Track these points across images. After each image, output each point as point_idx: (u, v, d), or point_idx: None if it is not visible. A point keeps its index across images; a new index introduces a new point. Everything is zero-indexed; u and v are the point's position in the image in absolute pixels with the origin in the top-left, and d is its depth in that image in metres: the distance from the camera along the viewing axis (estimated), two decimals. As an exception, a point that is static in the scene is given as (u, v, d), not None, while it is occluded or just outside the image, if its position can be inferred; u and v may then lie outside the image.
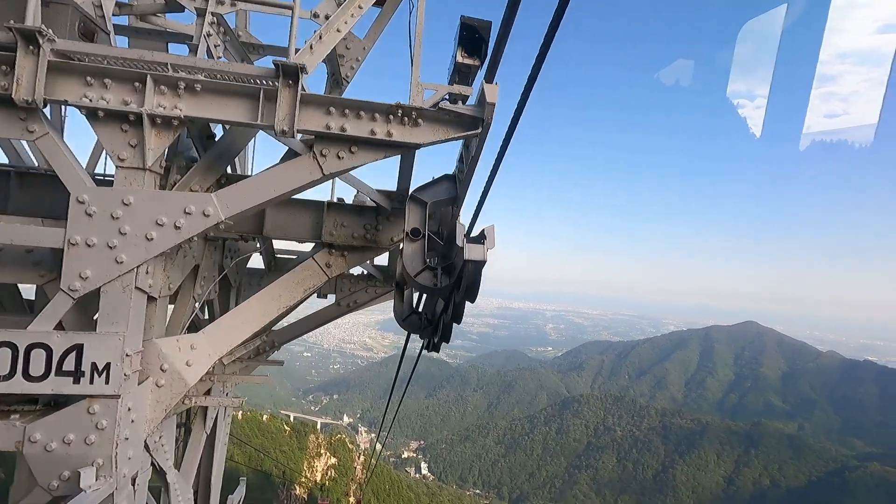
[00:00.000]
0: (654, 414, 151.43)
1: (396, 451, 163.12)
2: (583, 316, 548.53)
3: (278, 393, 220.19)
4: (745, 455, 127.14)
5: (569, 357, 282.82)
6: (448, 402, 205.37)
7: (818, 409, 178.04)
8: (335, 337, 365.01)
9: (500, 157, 3.10)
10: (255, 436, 69.05)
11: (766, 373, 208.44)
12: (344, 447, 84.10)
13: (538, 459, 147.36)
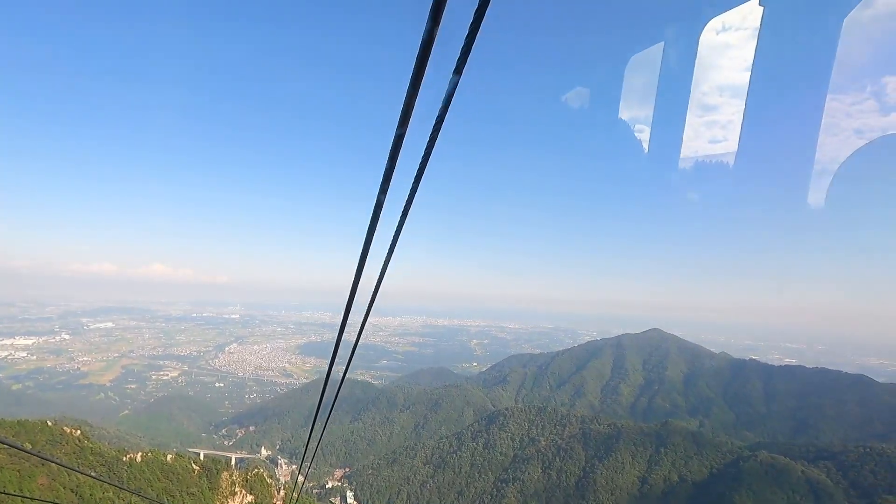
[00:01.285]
0: (574, 421, 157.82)
1: (320, 482, 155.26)
2: (505, 331, 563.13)
3: (186, 429, 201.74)
4: (655, 454, 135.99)
5: (493, 371, 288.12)
6: (374, 424, 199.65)
7: (715, 406, 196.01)
8: (251, 364, 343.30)
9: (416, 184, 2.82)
10: (156, 479, 62.09)
11: (670, 375, 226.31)
12: (262, 483, 78.25)
13: (466, 476, 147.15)
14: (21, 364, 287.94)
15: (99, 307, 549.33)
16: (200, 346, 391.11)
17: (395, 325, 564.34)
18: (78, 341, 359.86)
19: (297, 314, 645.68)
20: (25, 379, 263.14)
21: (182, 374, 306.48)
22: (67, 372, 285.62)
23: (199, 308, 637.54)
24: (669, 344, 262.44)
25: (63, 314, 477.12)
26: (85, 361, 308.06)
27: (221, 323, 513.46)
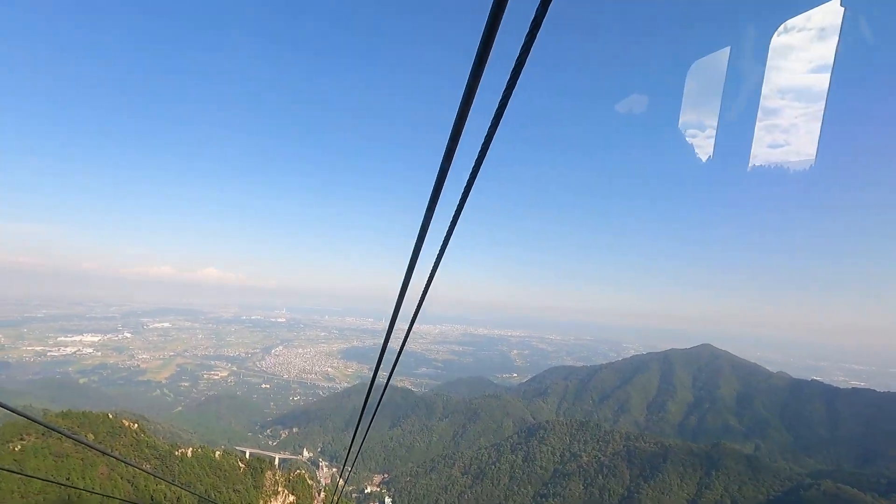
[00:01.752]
0: (618, 438, 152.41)
1: (359, 486, 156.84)
2: (546, 342, 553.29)
3: (233, 427, 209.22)
4: (706, 477, 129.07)
5: (534, 383, 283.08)
6: (413, 432, 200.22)
7: (772, 429, 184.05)
8: (295, 367, 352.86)
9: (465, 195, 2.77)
10: (206, 474, 64.57)
11: (722, 394, 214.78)
12: (303, 484, 79.87)
13: (505, 489, 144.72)
14: (87, 360, 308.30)
15: (157, 308, 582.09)
16: (248, 347, 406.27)
17: (435, 333, 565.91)
18: (138, 340, 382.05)
19: (339, 319, 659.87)
20: (91, 374, 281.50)
21: (231, 374, 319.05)
22: (128, 368, 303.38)
23: (248, 311, 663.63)
24: (721, 360, 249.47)
25: (126, 314, 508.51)
26: (144, 359, 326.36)
27: (268, 326, 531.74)
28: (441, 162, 2.41)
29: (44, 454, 50.28)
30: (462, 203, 2.73)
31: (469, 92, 2.01)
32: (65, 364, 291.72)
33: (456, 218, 2.76)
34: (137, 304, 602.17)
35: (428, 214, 2.77)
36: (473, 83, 1.96)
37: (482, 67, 1.90)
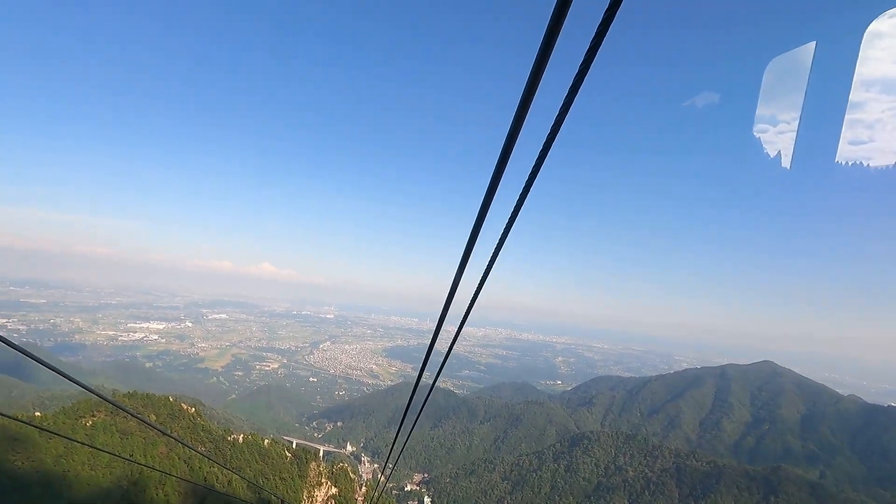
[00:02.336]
0: (667, 454, 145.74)
1: (399, 484, 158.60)
2: (593, 350, 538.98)
3: (282, 417, 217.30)
4: (763, 502, 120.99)
5: (578, 392, 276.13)
6: (454, 433, 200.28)
7: (841, 456, 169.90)
8: (342, 363, 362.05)
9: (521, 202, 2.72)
10: (254, 460, 67.27)
11: (784, 415, 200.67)
12: (346, 477, 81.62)
13: (546, 498, 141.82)
14: (153, 345, 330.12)
15: (216, 299, 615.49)
16: (298, 341, 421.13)
17: (479, 336, 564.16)
18: (198, 329, 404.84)
19: (385, 318, 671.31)
20: (156, 359, 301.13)
21: (281, 366, 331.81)
22: (188, 356, 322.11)
23: (299, 306, 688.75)
24: (784, 379, 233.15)
25: (188, 304, 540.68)
26: (203, 347, 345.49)
27: (317, 322, 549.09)
28: (496, 164, 2.33)
29: (111, 431, 54.16)
30: (517, 208, 2.68)
31: (528, 92, 1.93)
32: (133, 349, 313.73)
33: (510, 224, 2.83)
34: (198, 296, 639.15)
35: (480, 217, 2.69)
36: (533, 83, 1.88)
37: (543, 67, 1.82)
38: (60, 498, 40.41)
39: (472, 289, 3.65)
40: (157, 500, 47.10)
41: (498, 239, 3.00)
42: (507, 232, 2.93)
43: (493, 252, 3.14)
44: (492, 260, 3.20)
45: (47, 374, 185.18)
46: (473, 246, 2.95)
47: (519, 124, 2.09)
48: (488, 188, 2.50)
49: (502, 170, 2.36)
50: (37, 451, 43.83)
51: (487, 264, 3.25)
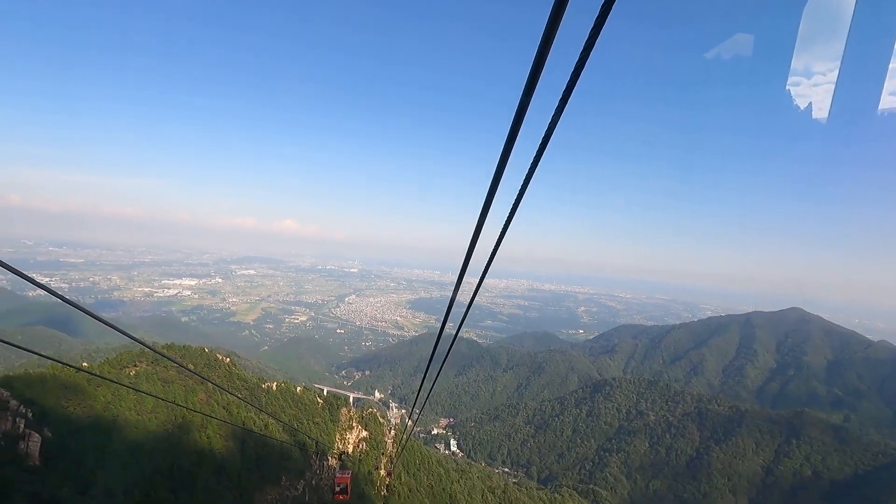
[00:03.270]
0: (689, 400, 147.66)
1: (426, 427, 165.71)
2: (616, 299, 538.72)
3: (312, 367, 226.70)
4: (785, 444, 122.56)
5: (601, 340, 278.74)
6: (478, 381, 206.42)
7: (867, 400, 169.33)
8: (367, 315, 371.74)
9: None
10: (288, 406, 70.64)
11: (810, 361, 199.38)
12: (376, 421, 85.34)
13: (568, 441, 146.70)
14: (187, 301, 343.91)
15: (243, 256, 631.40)
16: (324, 295, 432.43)
17: (501, 287, 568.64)
18: (228, 285, 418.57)
19: (408, 271, 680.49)
20: (190, 314, 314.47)
21: (309, 319, 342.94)
22: (221, 310, 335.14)
23: (323, 261, 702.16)
24: (812, 326, 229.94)
25: (216, 261, 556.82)
26: (233, 302, 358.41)
27: (342, 276, 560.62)
28: (515, 114, 2.22)
29: (153, 379, 57.30)
30: (538, 157, 2.62)
31: (546, 39, 1.86)
32: (169, 304, 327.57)
33: (531, 172, 2.78)
34: (226, 253, 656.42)
35: (500, 168, 2.63)
36: (551, 30, 1.82)
37: (561, 13, 1.79)
38: (113, 440, 43.49)
39: (493, 240, 3.55)
40: (200, 442, 50.25)
41: (519, 188, 2.96)
42: (528, 181, 2.86)
43: (514, 202, 3.11)
44: (513, 210, 3.16)
45: (92, 329, 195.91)
46: (494, 196, 2.90)
47: (540, 67, 1.99)
48: (508, 135, 2.41)
49: (522, 116, 2.26)
50: (86, 399, 46.83)
51: (508, 214, 3.22)
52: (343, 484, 21.73)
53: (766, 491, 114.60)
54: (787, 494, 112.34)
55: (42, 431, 36.54)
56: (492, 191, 2.82)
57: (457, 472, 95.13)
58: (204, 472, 46.32)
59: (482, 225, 3.17)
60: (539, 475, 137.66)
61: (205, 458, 48.85)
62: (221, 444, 52.70)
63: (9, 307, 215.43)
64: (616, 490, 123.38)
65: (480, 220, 3.12)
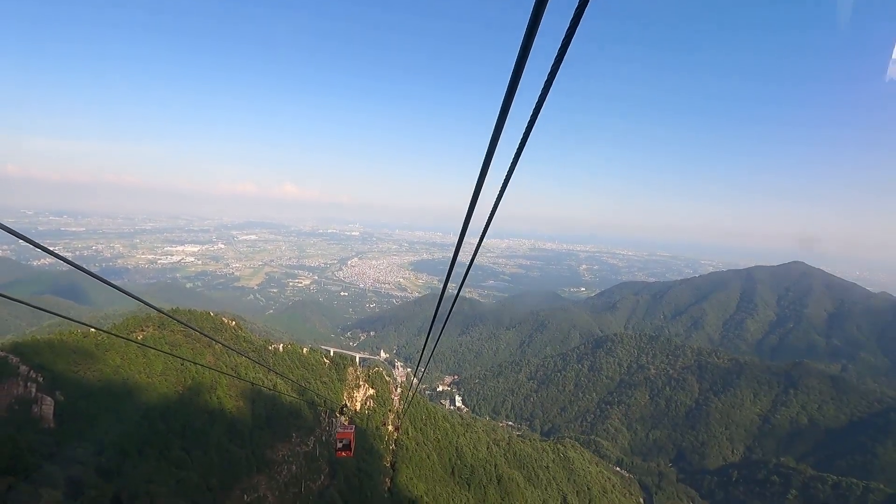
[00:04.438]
0: (689, 353, 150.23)
1: (432, 385, 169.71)
2: (617, 257, 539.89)
3: (317, 329, 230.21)
4: (783, 394, 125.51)
5: (602, 297, 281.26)
6: (481, 339, 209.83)
7: (865, 351, 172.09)
8: (370, 277, 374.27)
9: None
10: (296, 367, 71.87)
11: (810, 313, 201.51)
12: (382, 380, 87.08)
13: (570, 395, 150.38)
14: (191, 267, 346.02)
15: (244, 221, 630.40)
16: (327, 258, 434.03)
17: (503, 246, 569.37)
18: (230, 250, 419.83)
19: (409, 233, 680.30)
20: (195, 279, 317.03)
21: (313, 282, 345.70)
22: (225, 276, 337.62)
23: (325, 225, 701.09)
24: (813, 279, 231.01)
25: (217, 227, 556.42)
26: (237, 267, 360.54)
27: (344, 239, 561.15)
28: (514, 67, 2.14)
29: (161, 343, 58.01)
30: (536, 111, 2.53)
31: None
32: (173, 271, 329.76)
33: (529, 128, 2.71)
34: (227, 219, 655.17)
35: (499, 125, 2.54)
36: None
37: None
38: (125, 402, 44.40)
39: (493, 199, 3.55)
40: (211, 403, 51.38)
41: (517, 145, 2.90)
42: (527, 136, 2.80)
43: (513, 158, 3.04)
44: (512, 166, 3.13)
45: (100, 296, 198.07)
46: (493, 154, 2.82)
47: (540, 12, 1.95)
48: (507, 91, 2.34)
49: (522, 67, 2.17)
50: (96, 363, 47.55)
51: (507, 171, 3.20)
52: (346, 440, 20.49)
53: (762, 439, 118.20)
54: (783, 442, 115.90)
55: (54, 395, 37.17)
56: (491, 148, 2.73)
57: (462, 426, 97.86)
58: (216, 431, 47.50)
59: (482, 184, 3.13)
60: (542, 428, 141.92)
61: (216, 417, 50.03)
62: (232, 404, 53.89)
63: (15, 277, 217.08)
64: (617, 440, 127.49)
65: (480, 179, 3.10)
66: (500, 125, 2.53)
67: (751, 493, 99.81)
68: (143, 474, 29.78)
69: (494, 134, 2.60)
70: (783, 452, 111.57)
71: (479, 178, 3.07)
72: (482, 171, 2.99)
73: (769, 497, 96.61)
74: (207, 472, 41.44)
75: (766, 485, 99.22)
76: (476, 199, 3.34)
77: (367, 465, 61.32)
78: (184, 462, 40.10)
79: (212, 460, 43.35)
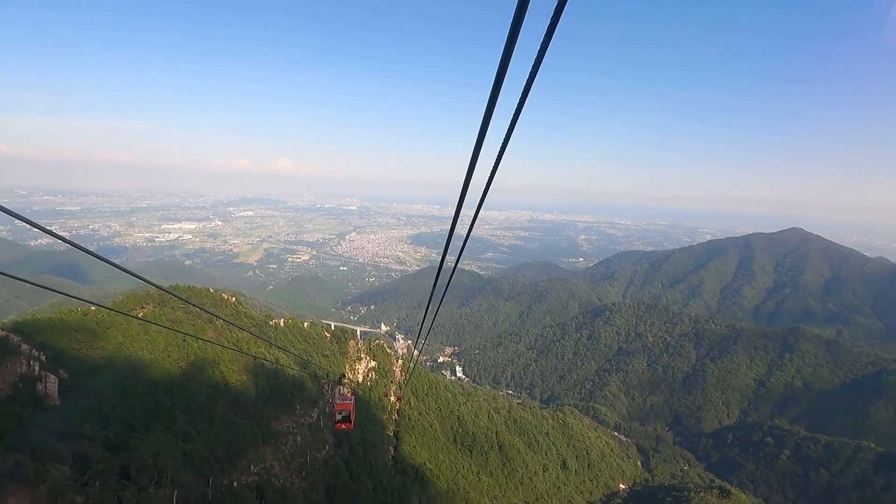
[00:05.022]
0: (686, 321, 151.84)
1: (433, 356, 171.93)
2: (616, 227, 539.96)
3: (318, 304, 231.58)
4: (778, 359, 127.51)
5: (601, 267, 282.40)
6: (480, 311, 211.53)
7: (860, 315, 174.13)
8: (369, 251, 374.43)
9: None
10: (297, 341, 72.44)
11: (807, 279, 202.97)
12: (383, 352, 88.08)
13: (569, 363, 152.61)
14: (189, 244, 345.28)
15: (240, 198, 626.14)
16: (325, 233, 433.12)
17: (501, 218, 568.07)
18: (228, 227, 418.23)
19: (407, 206, 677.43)
20: (193, 256, 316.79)
21: (311, 257, 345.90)
22: (223, 252, 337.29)
23: (322, 200, 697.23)
24: (811, 245, 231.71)
25: (213, 204, 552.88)
26: (235, 244, 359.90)
27: (341, 213, 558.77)
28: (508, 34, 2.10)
29: (161, 320, 58.23)
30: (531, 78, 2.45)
31: None
32: (171, 248, 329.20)
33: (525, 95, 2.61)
34: (223, 195, 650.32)
35: (494, 93, 2.46)
36: None
37: None
38: (129, 378, 44.79)
39: (489, 170, 3.51)
40: (214, 378, 51.98)
41: (512, 114, 2.81)
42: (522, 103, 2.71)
43: (508, 127, 2.99)
44: (507, 135, 3.12)
45: (99, 275, 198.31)
46: (489, 123, 2.75)
47: None
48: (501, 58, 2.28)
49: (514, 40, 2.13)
50: (97, 340, 47.81)
51: (503, 141, 3.19)
52: (345, 411, 19.46)
53: (757, 402, 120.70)
54: (778, 405, 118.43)
55: (58, 373, 37.41)
56: (487, 117, 2.68)
57: (463, 395, 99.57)
58: (220, 404, 48.16)
59: (478, 153, 3.08)
60: (542, 396, 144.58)
61: (220, 391, 50.66)
62: (235, 378, 54.50)
63: (13, 257, 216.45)
64: (615, 407, 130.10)
65: (476, 148, 3.03)
66: (495, 93, 2.46)
67: (745, 455, 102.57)
68: (150, 448, 30.24)
69: (490, 102, 2.53)
70: (777, 415, 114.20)
71: (475, 147, 3.00)
72: (478, 140, 2.91)
73: (763, 458, 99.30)
74: (214, 445, 42.19)
75: (760, 446, 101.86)
76: (472, 170, 3.28)
77: (370, 435, 62.59)
78: (190, 435, 40.77)
79: (218, 433, 44.08)
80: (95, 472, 21.47)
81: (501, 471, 78.84)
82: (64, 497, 17.89)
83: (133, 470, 24.79)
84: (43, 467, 18.53)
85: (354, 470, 53.23)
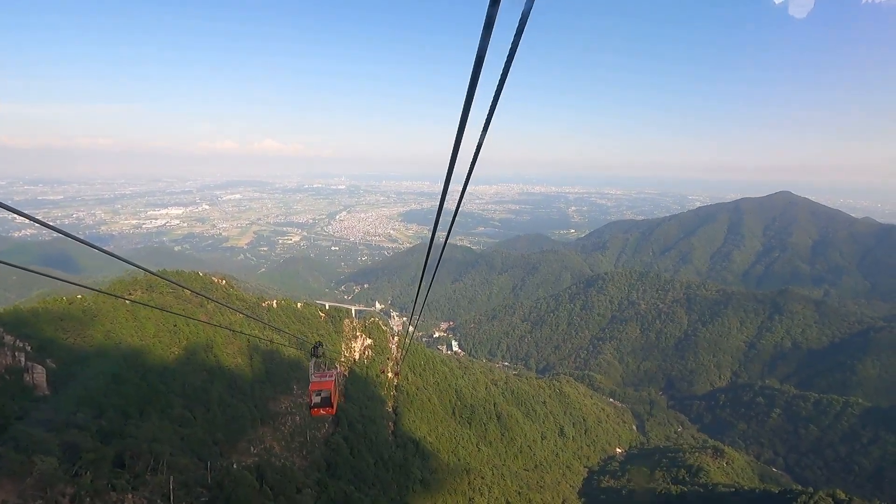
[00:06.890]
0: (678, 287, 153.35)
1: (428, 332, 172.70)
2: (606, 197, 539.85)
3: (311, 285, 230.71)
4: (768, 321, 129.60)
5: (592, 238, 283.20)
6: (474, 285, 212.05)
7: (847, 275, 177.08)
8: (360, 230, 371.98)
9: None
10: (291, 322, 71.90)
11: (795, 242, 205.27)
12: (379, 329, 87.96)
13: (563, 333, 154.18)
14: (177, 230, 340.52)
15: (227, 181, 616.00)
16: (314, 214, 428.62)
17: (492, 193, 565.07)
18: (216, 211, 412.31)
19: (397, 184, 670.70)
20: (182, 242, 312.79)
21: (302, 238, 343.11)
22: (212, 237, 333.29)
23: (310, 180, 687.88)
24: (799, 209, 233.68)
25: (200, 188, 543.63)
26: (224, 228, 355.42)
27: (330, 193, 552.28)
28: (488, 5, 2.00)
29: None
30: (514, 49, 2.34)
31: None
32: (159, 235, 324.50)
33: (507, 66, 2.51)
34: (209, 178, 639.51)
35: (477, 65, 2.36)
36: None
37: None
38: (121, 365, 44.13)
39: (476, 143, 3.41)
40: (208, 361, 51.51)
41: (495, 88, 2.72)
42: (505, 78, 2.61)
43: (492, 101, 2.90)
44: (492, 108, 3.05)
45: (88, 264, 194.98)
46: (473, 99, 2.64)
47: None
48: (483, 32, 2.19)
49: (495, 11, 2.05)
50: (85, 329, 46.95)
51: (488, 114, 3.15)
52: (324, 391, 14.89)
53: (747, 364, 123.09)
54: (768, 365, 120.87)
55: (45, 363, 36.62)
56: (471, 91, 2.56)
57: (460, 369, 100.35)
58: (216, 387, 47.80)
59: (464, 125, 2.97)
60: (537, 366, 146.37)
61: (215, 374, 50.23)
62: (230, 361, 54.04)
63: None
64: (610, 374, 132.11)
65: (462, 120, 2.92)
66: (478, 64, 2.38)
67: (736, 415, 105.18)
68: (146, 434, 29.83)
69: (474, 73, 2.44)
70: (768, 375, 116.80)
71: (461, 119, 2.88)
72: (464, 111, 2.78)
73: (754, 417, 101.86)
74: (212, 428, 41.96)
75: (752, 406, 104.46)
76: (459, 144, 3.15)
77: (369, 412, 62.84)
78: (187, 420, 40.44)
79: (215, 416, 43.83)
80: (86, 461, 20.97)
81: (501, 441, 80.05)
82: (53, 489, 17.40)
83: (127, 457, 24.34)
84: (29, 459, 17.97)
85: (355, 446, 53.51)
